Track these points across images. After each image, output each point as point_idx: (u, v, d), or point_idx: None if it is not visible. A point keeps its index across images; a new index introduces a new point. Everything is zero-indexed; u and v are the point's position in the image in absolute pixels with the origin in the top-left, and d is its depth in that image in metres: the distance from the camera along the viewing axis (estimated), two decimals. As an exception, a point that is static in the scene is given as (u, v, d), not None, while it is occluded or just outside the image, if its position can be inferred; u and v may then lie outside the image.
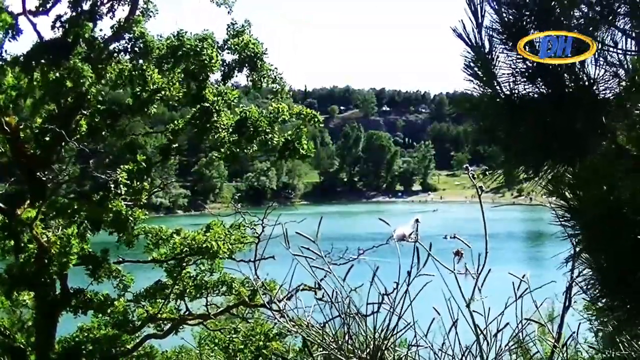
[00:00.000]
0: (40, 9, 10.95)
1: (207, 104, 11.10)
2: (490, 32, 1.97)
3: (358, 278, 3.43)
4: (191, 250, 11.58)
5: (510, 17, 1.97)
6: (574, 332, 2.63)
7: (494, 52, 1.97)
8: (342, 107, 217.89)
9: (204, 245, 11.28)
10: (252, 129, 11.33)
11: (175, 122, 11.85)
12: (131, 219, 11.37)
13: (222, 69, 11.63)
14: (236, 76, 11.79)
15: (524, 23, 1.96)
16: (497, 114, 1.99)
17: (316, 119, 12.00)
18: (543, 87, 1.96)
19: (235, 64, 11.73)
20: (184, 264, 12.00)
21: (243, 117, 11.45)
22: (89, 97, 10.94)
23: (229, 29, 11.71)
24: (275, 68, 11.84)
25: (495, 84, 1.97)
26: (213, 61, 11.13)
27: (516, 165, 2.06)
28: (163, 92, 10.91)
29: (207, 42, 11.15)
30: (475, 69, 1.98)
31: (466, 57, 1.99)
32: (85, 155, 11.96)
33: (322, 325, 2.75)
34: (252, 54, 11.51)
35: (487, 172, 2.21)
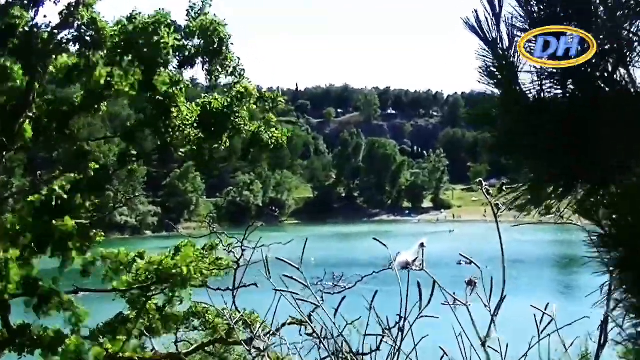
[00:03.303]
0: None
1: (160, 96, 11.06)
2: (511, 25, 1.94)
3: (355, 310, 3.39)
4: (158, 277, 11.49)
5: (537, 6, 1.93)
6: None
7: (513, 49, 1.95)
8: (339, 110, 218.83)
9: (173, 271, 11.19)
10: (217, 120, 11.35)
11: (130, 121, 11.82)
12: (82, 241, 11.27)
13: (180, 55, 11.62)
14: (197, 64, 11.78)
15: (555, 14, 1.91)
16: (517, 120, 1.96)
17: (279, 98, 12.10)
18: (576, 90, 1.93)
19: (195, 49, 11.73)
20: (150, 294, 11.90)
21: (207, 108, 11.46)
22: (32, 96, 10.87)
23: (189, 10, 11.71)
24: (238, 58, 11.92)
25: (516, 86, 1.95)
26: (167, 43, 11.06)
27: (541, 178, 2.03)
28: (116, 87, 10.86)
29: (160, 21, 11.07)
30: (492, 68, 1.96)
31: (481, 54, 1.96)
32: (39, 165, 11.90)
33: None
34: (214, 38, 11.52)
35: (505, 187, 2.18)
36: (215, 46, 11.60)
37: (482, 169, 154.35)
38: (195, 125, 11.48)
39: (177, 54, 11.66)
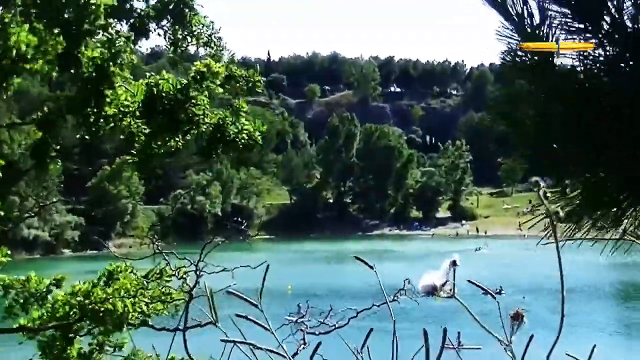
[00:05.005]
0: None
1: (90, 73, 10.97)
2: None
3: (345, 357, 3.41)
4: (83, 314, 11.45)
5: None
6: None
7: (546, 28, 1.95)
8: (326, 87, 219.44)
9: (105, 306, 11.16)
10: (166, 107, 11.29)
11: (48, 105, 11.71)
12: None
13: (126, 20, 11.56)
14: (152, 31, 11.74)
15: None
16: (549, 122, 1.98)
17: (255, 78, 12.08)
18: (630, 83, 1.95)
19: (146, 11, 11.69)
20: (72, 335, 11.86)
21: (153, 92, 11.40)
22: None
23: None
24: (212, 23, 11.89)
25: (553, 74, 1.96)
26: (97, 4, 10.96)
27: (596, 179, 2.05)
28: (33, 58, 10.78)
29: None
30: (518, 51, 1.97)
31: (503, 34, 1.97)
32: None
33: None
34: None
35: (549, 191, 2.20)
36: (173, 6, 11.56)
37: (518, 165, 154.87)
38: (138, 114, 11.43)
39: (122, 18, 11.60)
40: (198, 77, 11.65)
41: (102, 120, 11.32)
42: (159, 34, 12.01)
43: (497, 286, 65.37)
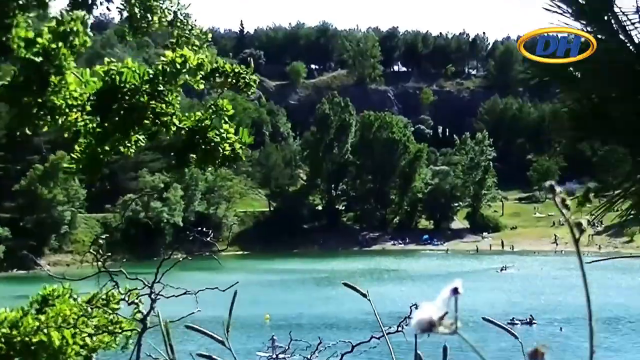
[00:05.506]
0: None
1: (23, 52, 10.98)
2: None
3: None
4: (10, 348, 11.46)
5: None
6: None
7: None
8: (313, 66, 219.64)
9: (37, 338, 11.18)
10: (128, 102, 11.27)
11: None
12: None
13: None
14: (97, 6, 11.74)
15: None
16: (622, 83, 1.99)
17: (248, 76, 12.01)
18: None
19: None
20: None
21: (110, 83, 11.38)
22: None
23: None
24: None
25: (622, 32, 1.98)
26: None
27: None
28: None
29: None
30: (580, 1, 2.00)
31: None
32: None
33: None
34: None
35: (591, 195, 2.21)
36: None
37: (552, 165, 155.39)
38: (89, 108, 11.41)
39: None
40: (170, 69, 11.62)
41: (44, 111, 11.31)
42: (108, 9, 12.00)
43: (528, 315, 65.61)
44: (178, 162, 11.87)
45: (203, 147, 11.48)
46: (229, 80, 11.78)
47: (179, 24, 12.04)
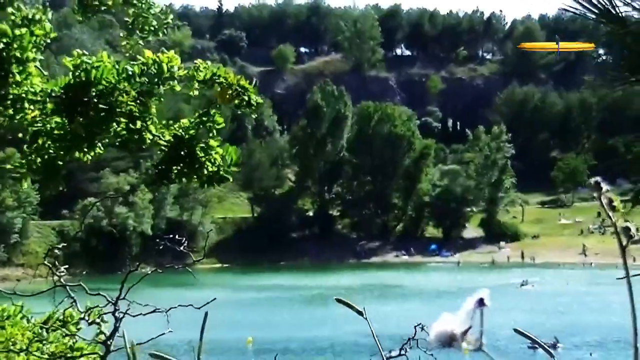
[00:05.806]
0: None
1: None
2: None
3: None
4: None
5: None
6: None
7: None
8: (303, 49, 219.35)
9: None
10: (100, 102, 11.31)
11: None
12: None
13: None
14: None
15: None
16: None
17: (246, 88, 12.00)
18: None
19: None
20: None
21: (84, 76, 11.43)
22: None
23: None
24: None
25: None
26: None
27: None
28: None
29: None
30: None
31: None
32: None
33: None
34: None
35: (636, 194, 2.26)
36: None
37: (580, 163, 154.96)
38: (52, 106, 11.44)
39: None
40: (152, 70, 11.62)
41: (4, 105, 11.38)
42: None
43: (552, 337, 65.45)
44: (158, 177, 11.87)
45: (187, 160, 11.50)
46: (231, 92, 11.76)
47: (134, 1, 12.09)
